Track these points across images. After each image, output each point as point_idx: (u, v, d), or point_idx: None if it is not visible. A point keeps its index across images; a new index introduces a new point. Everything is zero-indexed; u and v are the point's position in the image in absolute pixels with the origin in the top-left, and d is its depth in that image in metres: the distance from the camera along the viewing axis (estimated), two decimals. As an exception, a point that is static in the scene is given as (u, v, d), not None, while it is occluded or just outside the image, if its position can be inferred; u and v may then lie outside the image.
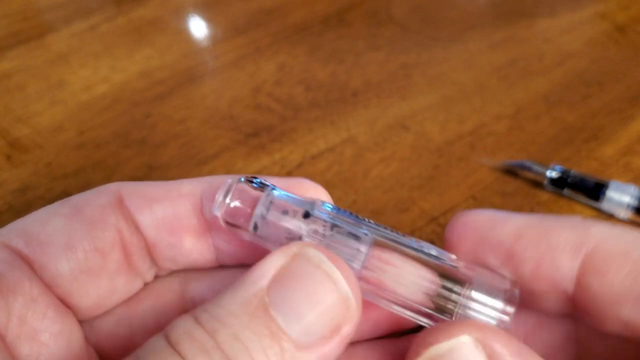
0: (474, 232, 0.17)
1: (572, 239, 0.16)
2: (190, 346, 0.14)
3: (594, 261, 0.16)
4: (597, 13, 0.46)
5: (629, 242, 0.16)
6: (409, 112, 0.38)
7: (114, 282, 0.19)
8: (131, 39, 0.42)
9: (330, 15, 0.45)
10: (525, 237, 0.17)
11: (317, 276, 0.15)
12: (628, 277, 0.15)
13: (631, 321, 0.16)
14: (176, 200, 0.19)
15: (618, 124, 0.37)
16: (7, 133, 0.35)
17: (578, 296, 0.16)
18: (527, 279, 0.17)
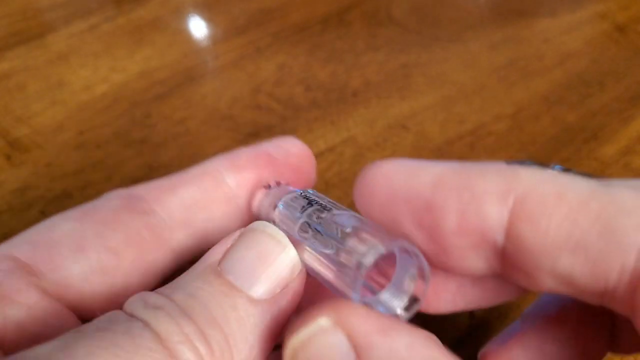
0: (387, 185, 0.15)
1: (498, 185, 0.14)
2: (142, 306, 0.14)
3: (525, 207, 0.14)
4: (597, 13, 0.46)
5: (562, 184, 0.14)
6: (409, 112, 0.38)
7: (128, 281, 0.19)
8: (131, 39, 0.42)
9: (330, 15, 0.45)
10: (446, 186, 0.15)
11: (267, 240, 0.16)
12: (564, 223, 0.14)
13: (568, 273, 0.14)
14: (197, 179, 0.20)
15: (618, 124, 0.37)
16: (7, 133, 0.35)
17: (509, 249, 0.14)
18: (450, 233, 0.15)
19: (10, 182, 0.33)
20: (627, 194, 0.14)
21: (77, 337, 0.13)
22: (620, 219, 0.13)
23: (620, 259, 0.13)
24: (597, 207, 0.13)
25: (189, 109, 0.37)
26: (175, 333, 0.14)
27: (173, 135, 0.36)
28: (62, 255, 0.18)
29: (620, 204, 0.13)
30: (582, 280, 0.14)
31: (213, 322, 0.14)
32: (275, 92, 0.39)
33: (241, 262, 0.16)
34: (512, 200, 0.14)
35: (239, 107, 0.38)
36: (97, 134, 0.35)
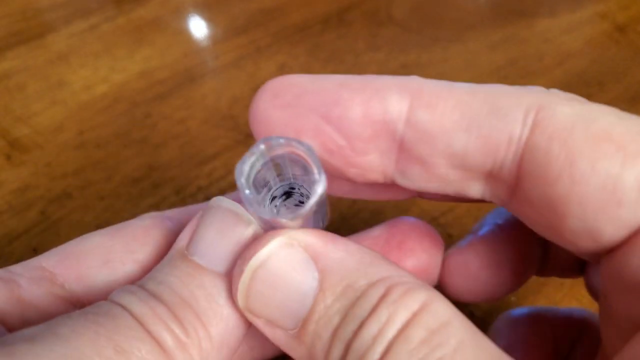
0: (292, 87, 0.16)
1: (397, 83, 0.16)
2: (119, 293, 0.15)
3: (422, 96, 0.16)
4: (597, 13, 0.46)
5: (451, 83, 0.16)
6: (409, 112, 0.38)
7: None
8: (131, 39, 0.42)
9: (330, 15, 0.45)
10: (351, 85, 0.16)
11: (221, 214, 0.16)
12: (457, 107, 0.15)
13: (461, 151, 0.16)
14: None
15: (618, 124, 0.37)
16: (7, 133, 0.35)
17: (408, 137, 0.16)
18: (355, 124, 0.16)
19: (10, 182, 0.33)
20: (502, 85, 0.16)
21: (63, 319, 0.14)
22: (503, 100, 0.15)
23: (507, 131, 0.15)
24: (483, 93, 0.16)
25: (189, 108, 0.37)
26: (149, 315, 0.15)
27: (173, 135, 0.36)
28: (88, 266, 0.18)
29: (501, 90, 0.16)
30: (473, 158, 0.16)
31: (182, 303, 0.15)
32: (275, 92, 0.39)
33: (203, 241, 0.16)
34: (410, 93, 0.16)
35: (239, 107, 0.38)
36: (97, 134, 0.35)
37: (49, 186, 0.32)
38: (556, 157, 0.15)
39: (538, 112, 0.15)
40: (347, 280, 0.15)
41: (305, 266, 0.15)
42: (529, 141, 0.15)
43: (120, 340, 0.14)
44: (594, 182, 0.14)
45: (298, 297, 0.15)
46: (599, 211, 0.15)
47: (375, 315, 0.14)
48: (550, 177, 0.15)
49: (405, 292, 0.14)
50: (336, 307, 0.15)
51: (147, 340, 0.14)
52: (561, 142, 0.15)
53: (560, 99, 0.15)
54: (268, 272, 0.15)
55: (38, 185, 0.33)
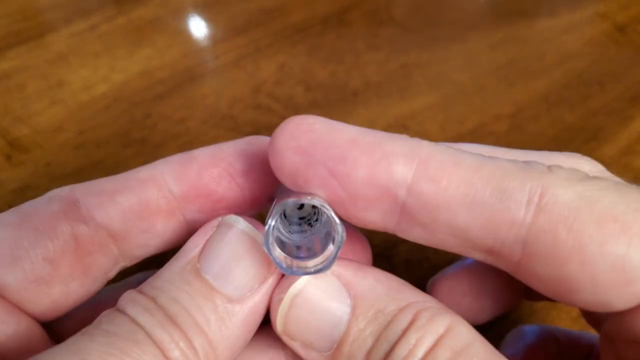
0: (309, 134, 0.17)
1: (405, 149, 0.17)
2: (134, 309, 0.16)
3: (427, 168, 0.16)
4: (597, 13, 0.46)
5: (457, 152, 0.17)
6: (409, 112, 0.38)
7: (68, 287, 0.19)
8: (131, 38, 0.42)
9: (330, 15, 0.45)
10: (361, 144, 0.16)
11: (238, 236, 0.17)
12: (461, 183, 0.16)
13: (463, 228, 0.16)
14: (138, 187, 0.19)
15: (618, 124, 0.37)
16: (7, 133, 0.35)
17: (409, 204, 0.16)
18: (359, 184, 0.16)
19: (10, 181, 0.33)
20: (507, 162, 0.16)
21: (87, 341, 0.15)
22: (507, 182, 0.16)
23: (510, 214, 0.16)
24: (487, 172, 0.16)
25: (189, 108, 0.37)
26: (167, 341, 0.15)
27: (173, 135, 0.36)
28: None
29: (505, 169, 0.16)
30: (475, 235, 0.16)
31: (197, 328, 0.16)
32: (275, 92, 0.39)
33: (217, 261, 0.17)
34: (416, 162, 0.16)
35: (239, 107, 0.38)
36: (97, 134, 0.35)
37: (48, 186, 0.32)
38: (564, 241, 0.15)
39: (542, 196, 0.16)
40: (377, 305, 0.16)
41: (339, 293, 0.17)
42: (533, 225, 0.16)
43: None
44: (603, 264, 0.15)
45: (333, 322, 0.17)
46: (609, 289, 0.16)
47: (405, 338, 0.16)
48: (559, 260, 0.16)
49: (431, 317, 0.16)
50: (369, 330, 0.16)
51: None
52: (567, 226, 0.15)
53: (562, 179, 0.16)
54: (305, 300, 0.17)
55: (38, 185, 0.32)
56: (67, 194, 0.19)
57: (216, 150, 0.20)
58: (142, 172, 0.20)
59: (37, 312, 0.19)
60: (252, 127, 0.36)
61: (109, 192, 0.19)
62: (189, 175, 0.19)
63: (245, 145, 0.20)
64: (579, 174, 0.16)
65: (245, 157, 0.19)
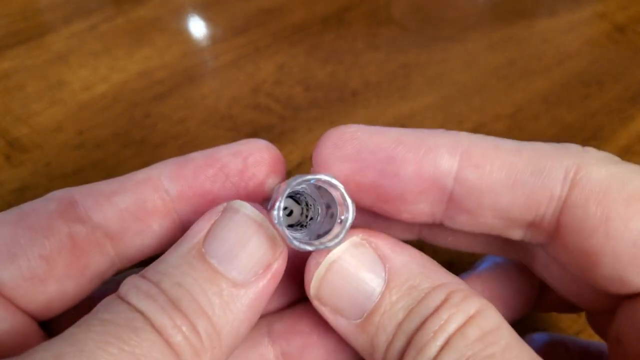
0: (353, 140, 0.18)
1: (448, 141, 0.18)
2: (137, 295, 0.15)
3: (470, 157, 0.17)
4: (597, 13, 0.46)
5: (495, 140, 0.18)
6: (409, 112, 0.38)
7: (63, 286, 0.19)
8: (130, 38, 0.42)
9: (329, 16, 0.45)
10: (405, 143, 0.18)
11: (244, 221, 0.17)
12: (504, 166, 0.17)
13: (507, 207, 0.17)
14: (136, 188, 0.20)
15: (617, 124, 0.37)
16: (6, 133, 0.35)
17: (457, 192, 0.18)
18: (408, 180, 0.18)
19: (9, 182, 0.33)
20: (543, 145, 0.18)
21: (84, 331, 0.14)
22: (545, 162, 0.17)
23: (548, 190, 0.17)
24: (527, 154, 0.17)
25: (189, 109, 0.37)
26: (169, 326, 0.15)
27: (172, 135, 0.36)
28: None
29: (542, 151, 0.17)
30: (517, 212, 0.18)
31: (200, 312, 0.16)
32: (275, 92, 0.39)
33: (223, 245, 0.17)
34: (460, 152, 0.17)
35: (239, 107, 0.38)
36: (97, 134, 0.35)
37: (48, 186, 0.32)
38: (593, 214, 0.17)
39: (576, 173, 0.17)
40: (411, 281, 0.17)
41: (375, 265, 0.17)
42: (567, 199, 0.17)
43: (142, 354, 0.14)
44: (626, 238, 0.16)
45: (366, 292, 0.17)
46: (630, 263, 0.16)
47: (437, 314, 0.16)
48: (587, 232, 0.17)
49: (464, 297, 0.17)
50: (401, 304, 0.17)
51: (167, 353, 0.15)
52: (597, 201, 0.17)
53: (597, 159, 0.17)
54: (341, 267, 0.17)
55: (37, 185, 0.32)
56: (65, 195, 0.19)
57: (212, 152, 0.20)
58: (139, 174, 0.20)
59: (32, 310, 0.19)
60: (252, 127, 0.36)
61: (107, 193, 0.19)
62: (184, 176, 0.19)
63: (241, 147, 0.20)
64: (612, 157, 0.18)
65: (241, 159, 0.20)
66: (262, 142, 0.20)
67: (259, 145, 0.20)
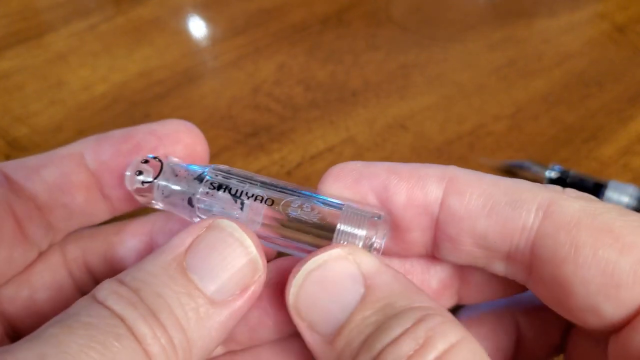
0: (352, 172, 0.19)
1: (437, 172, 0.19)
2: (118, 301, 0.16)
3: (454, 185, 0.19)
4: (597, 13, 0.46)
5: (481, 174, 0.19)
6: (408, 112, 0.38)
7: (11, 252, 0.20)
8: (130, 38, 0.42)
9: (329, 16, 0.45)
10: (398, 173, 0.19)
11: (230, 242, 0.17)
12: (481, 196, 0.18)
13: (483, 234, 0.18)
14: (61, 162, 0.21)
15: (617, 124, 0.37)
16: (6, 133, 0.35)
17: (441, 218, 0.19)
18: (400, 207, 0.19)
19: (9, 182, 0.33)
20: (524, 181, 0.19)
21: (66, 333, 0.15)
22: (521, 194, 0.18)
23: (521, 220, 0.18)
24: (504, 186, 0.18)
25: (188, 108, 0.37)
26: (148, 336, 0.15)
27: (172, 135, 0.36)
28: None
29: (520, 185, 0.18)
30: (493, 240, 0.18)
31: (178, 325, 0.16)
32: (275, 92, 0.39)
33: (205, 262, 0.17)
34: (446, 181, 0.19)
35: (238, 107, 0.38)
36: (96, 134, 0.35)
37: None
38: (562, 243, 0.17)
39: (549, 206, 0.18)
40: (389, 299, 0.17)
41: (355, 279, 0.17)
42: (539, 230, 0.18)
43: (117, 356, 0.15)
44: (595, 267, 0.17)
45: (341, 304, 0.17)
46: (600, 291, 0.17)
47: (410, 335, 0.15)
48: (557, 261, 0.17)
49: (443, 322, 0.16)
50: (372, 319, 0.16)
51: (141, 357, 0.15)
52: (567, 230, 0.17)
53: (571, 197, 0.18)
54: (321, 275, 0.17)
55: (37, 185, 0.32)
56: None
57: (130, 129, 0.21)
58: (63, 150, 0.21)
59: None
60: (251, 127, 0.36)
61: (35, 166, 0.20)
62: (103, 151, 0.21)
63: (157, 126, 0.21)
64: (590, 197, 0.18)
65: (155, 137, 0.21)
66: (182, 123, 0.22)
67: (177, 126, 0.22)
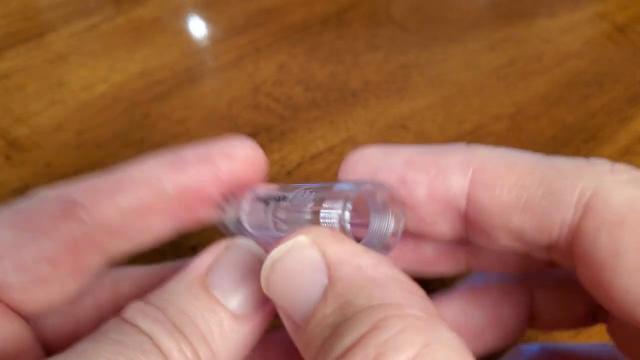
0: (368, 164, 0.18)
1: (459, 160, 0.17)
2: (144, 319, 0.16)
3: (482, 176, 0.16)
4: (596, 13, 0.46)
5: (512, 156, 0.17)
6: (409, 112, 0.38)
7: (65, 287, 0.19)
8: (130, 38, 0.42)
9: (329, 15, 0.45)
10: (416, 163, 0.17)
11: (247, 258, 0.18)
12: (514, 188, 0.16)
13: (519, 230, 0.16)
14: (134, 186, 0.20)
15: (617, 124, 0.37)
16: (6, 133, 0.35)
17: (470, 212, 0.17)
18: (421, 202, 0.17)
19: (9, 182, 0.33)
20: (565, 162, 0.16)
21: (97, 349, 0.15)
22: (559, 183, 0.16)
23: (560, 215, 0.16)
24: (541, 173, 0.16)
25: (189, 109, 0.37)
26: (175, 350, 0.16)
27: (172, 136, 0.36)
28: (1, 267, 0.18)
29: (559, 170, 0.16)
30: (531, 235, 0.16)
31: (202, 339, 0.16)
32: (275, 92, 0.39)
33: (227, 279, 0.17)
34: (471, 172, 0.17)
35: (239, 107, 0.38)
36: (97, 134, 0.35)
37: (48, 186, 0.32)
38: (602, 247, 0.15)
39: (592, 197, 0.15)
40: (349, 295, 0.15)
41: (317, 270, 0.16)
42: (580, 227, 0.16)
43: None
44: (636, 276, 0.15)
45: (305, 298, 0.16)
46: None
47: (362, 347, 0.13)
48: (596, 265, 0.15)
49: (401, 331, 0.13)
50: (331, 319, 0.15)
51: None
52: (609, 231, 0.15)
53: (619, 182, 0.15)
54: (283, 268, 0.16)
55: (37, 186, 0.32)
56: (62, 193, 0.20)
57: (205, 152, 0.21)
58: (135, 172, 0.20)
59: (30, 311, 0.19)
60: (252, 127, 0.36)
61: (105, 192, 0.20)
62: (180, 176, 0.20)
63: (234, 150, 0.21)
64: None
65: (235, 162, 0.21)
66: (252, 145, 0.21)
67: (251, 150, 0.21)
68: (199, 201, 0.20)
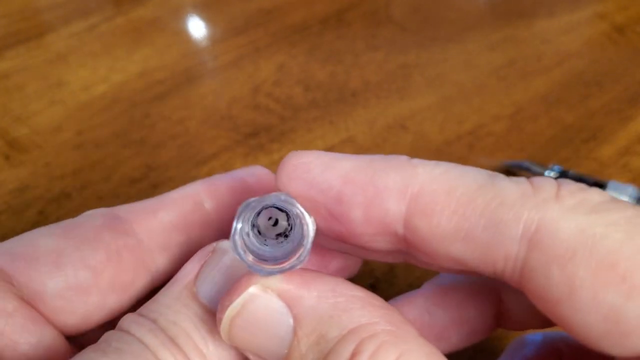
0: (305, 175, 0.17)
1: (398, 181, 0.16)
2: (138, 329, 0.16)
3: (419, 203, 0.16)
4: (596, 13, 0.46)
5: (453, 179, 0.16)
6: (408, 112, 0.38)
7: (105, 300, 0.19)
8: (130, 39, 0.42)
9: (329, 16, 0.45)
10: (353, 182, 0.16)
11: (232, 261, 0.17)
12: (453, 217, 0.15)
13: (461, 258, 0.16)
14: (176, 203, 0.21)
15: (617, 124, 0.37)
16: (5, 133, 0.35)
17: (408, 237, 0.16)
18: (357, 223, 0.16)
19: (9, 182, 0.33)
20: (508, 187, 0.15)
21: (101, 356, 0.15)
22: (502, 213, 0.15)
23: (504, 249, 0.15)
24: (482, 202, 0.15)
25: (188, 109, 0.37)
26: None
27: (172, 136, 0.36)
28: (39, 270, 0.18)
29: (503, 198, 0.15)
30: (474, 265, 0.16)
31: (196, 349, 0.16)
32: (275, 92, 0.39)
33: (214, 285, 0.17)
34: (409, 197, 0.16)
35: (238, 107, 0.38)
36: (96, 134, 0.35)
37: (47, 186, 0.32)
38: (556, 283, 0.14)
39: (537, 231, 0.14)
40: (320, 329, 0.15)
41: (279, 314, 0.15)
42: (527, 262, 0.15)
43: None
44: (595, 312, 0.14)
45: (276, 341, 0.16)
46: (603, 337, 0.14)
47: None
48: (552, 301, 0.15)
49: (378, 347, 0.14)
50: (310, 357, 0.15)
51: None
52: (561, 266, 0.14)
53: (565, 210, 0.15)
54: (244, 320, 0.16)
55: (37, 186, 0.32)
56: (107, 211, 0.20)
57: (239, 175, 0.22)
58: (175, 193, 0.21)
59: (68, 323, 0.19)
60: (251, 128, 0.36)
61: (149, 209, 0.21)
62: (219, 194, 0.21)
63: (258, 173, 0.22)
64: (589, 202, 0.15)
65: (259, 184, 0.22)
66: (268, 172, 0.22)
67: (270, 176, 0.22)
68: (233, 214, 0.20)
